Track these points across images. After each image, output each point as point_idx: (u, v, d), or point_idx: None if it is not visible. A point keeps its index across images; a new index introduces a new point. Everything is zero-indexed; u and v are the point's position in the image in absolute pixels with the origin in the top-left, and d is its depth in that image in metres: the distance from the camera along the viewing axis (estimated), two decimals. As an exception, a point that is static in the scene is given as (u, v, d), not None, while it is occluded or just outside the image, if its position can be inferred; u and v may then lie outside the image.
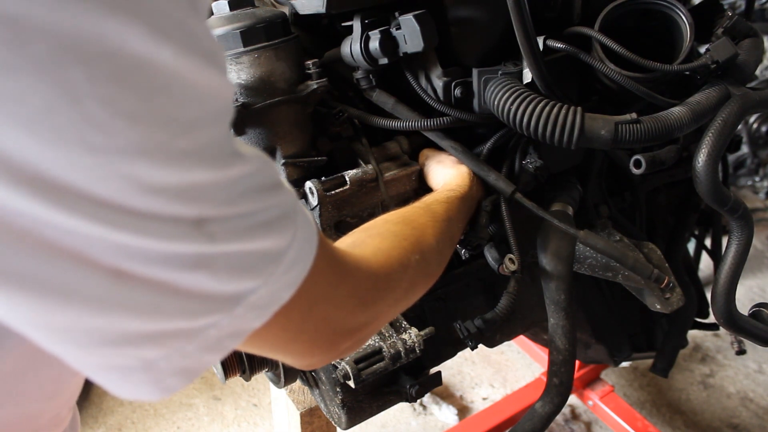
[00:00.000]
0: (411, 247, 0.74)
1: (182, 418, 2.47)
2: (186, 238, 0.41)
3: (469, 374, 2.63)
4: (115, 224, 0.38)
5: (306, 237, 0.52)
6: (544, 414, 1.15)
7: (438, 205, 0.92)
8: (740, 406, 2.42)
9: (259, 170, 0.46)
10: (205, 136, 0.41)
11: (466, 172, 1.06)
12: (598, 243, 1.09)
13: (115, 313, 0.41)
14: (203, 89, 0.41)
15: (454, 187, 1.00)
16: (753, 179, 2.99)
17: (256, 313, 0.49)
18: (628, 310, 1.51)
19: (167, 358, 0.44)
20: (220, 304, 0.45)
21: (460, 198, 0.98)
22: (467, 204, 1.01)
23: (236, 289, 0.46)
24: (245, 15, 0.96)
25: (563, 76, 1.07)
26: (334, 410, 1.17)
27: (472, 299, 1.27)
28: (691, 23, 0.99)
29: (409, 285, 0.73)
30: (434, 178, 1.08)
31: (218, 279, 0.44)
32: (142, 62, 0.37)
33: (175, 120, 0.39)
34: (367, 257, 0.66)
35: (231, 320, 0.47)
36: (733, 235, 1.03)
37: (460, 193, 0.99)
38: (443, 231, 0.86)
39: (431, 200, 0.93)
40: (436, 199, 0.93)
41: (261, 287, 0.48)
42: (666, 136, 0.96)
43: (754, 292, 2.92)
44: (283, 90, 0.99)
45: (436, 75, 1.06)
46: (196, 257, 0.42)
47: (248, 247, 0.46)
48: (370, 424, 2.31)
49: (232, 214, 0.44)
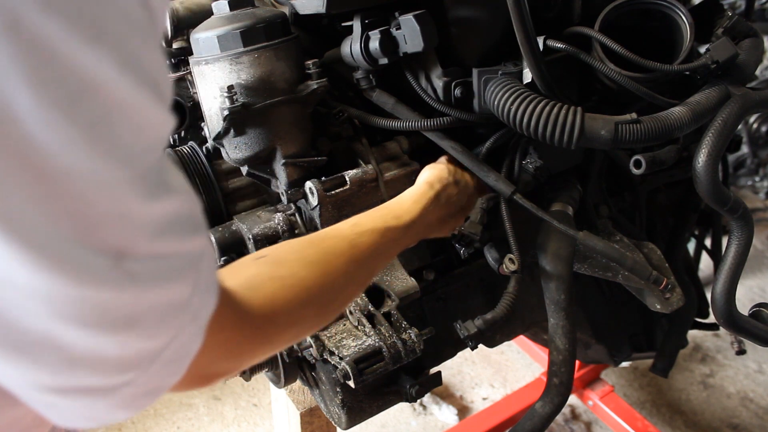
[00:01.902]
0: (311, 299, 0.69)
1: (182, 418, 2.47)
2: (106, 279, 0.39)
3: (469, 374, 2.63)
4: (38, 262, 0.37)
5: (209, 283, 0.50)
6: (544, 414, 1.15)
7: (368, 236, 0.83)
8: (740, 406, 2.42)
9: (184, 207, 0.45)
10: (141, 165, 0.40)
11: (443, 167, 1.04)
12: (597, 244, 1.09)
13: (26, 363, 0.40)
14: (145, 118, 0.40)
15: (406, 209, 0.93)
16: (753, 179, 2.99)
17: (171, 368, 0.47)
18: (628, 310, 1.51)
19: (72, 409, 0.43)
20: (137, 361, 0.44)
21: (403, 228, 0.90)
22: (414, 231, 0.93)
23: (154, 344, 0.44)
24: (245, 15, 0.96)
25: (563, 76, 1.07)
26: (334, 410, 1.17)
27: (472, 299, 1.27)
28: (691, 23, 0.99)
29: (296, 334, 0.69)
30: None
31: (140, 335, 0.43)
32: (93, 86, 0.36)
33: (115, 146, 0.38)
34: (257, 307, 0.61)
35: (148, 378, 0.45)
36: (733, 235, 1.03)
37: (407, 220, 0.91)
38: (358, 271, 0.79)
39: (365, 229, 0.84)
40: (371, 228, 0.85)
41: (174, 340, 0.46)
42: (666, 136, 0.96)
43: (754, 292, 2.92)
44: (283, 90, 0.99)
45: (436, 75, 1.06)
46: (118, 309, 0.41)
47: (165, 294, 0.44)
48: (370, 424, 2.31)
49: (154, 252, 0.42)
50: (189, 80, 1.14)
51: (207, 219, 1.10)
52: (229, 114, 0.94)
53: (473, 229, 1.07)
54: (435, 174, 1.03)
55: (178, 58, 1.13)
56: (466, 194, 1.07)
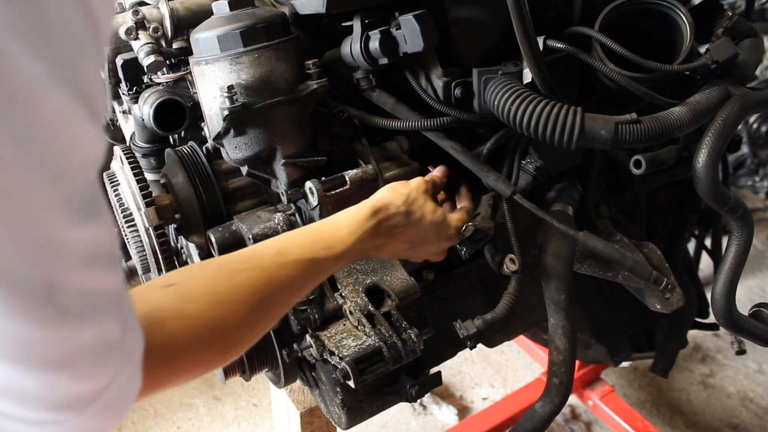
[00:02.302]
0: (215, 341, 0.65)
1: (182, 418, 2.47)
2: (39, 315, 0.38)
3: (469, 374, 2.63)
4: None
5: (133, 320, 0.48)
6: (544, 414, 1.15)
7: (291, 269, 0.76)
8: (740, 406, 2.42)
9: (108, 238, 0.44)
10: (72, 185, 0.39)
11: (401, 194, 0.93)
12: (597, 244, 1.09)
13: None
14: (78, 136, 0.39)
15: (340, 238, 0.84)
16: (753, 179, 2.99)
17: (111, 411, 0.45)
18: (628, 310, 1.51)
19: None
20: (71, 403, 0.42)
21: (332, 260, 0.82)
22: (347, 260, 0.86)
23: (91, 387, 0.43)
24: (245, 15, 0.96)
25: (563, 76, 1.07)
26: (334, 410, 1.17)
27: (472, 299, 1.27)
28: (691, 23, 0.99)
29: (194, 374, 0.65)
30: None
31: (74, 376, 0.41)
32: (28, 96, 0.35)
33: (46, 162, 0.37)
34: (157, 344, 0.57)
35: (83, 420, 0.43)
36: (733, 235, 1.03)
37: (338, 251, 0.83)
38: (272, 309, 0.73)
39: (289, 260, 0.76)
40: (295, 259, 0.77)
41: (114, 382, 0.44)
42: (666, 136, 0.96)
43: (754, 292, 2.92)
44: (283, 90, 0.99)
45: (436, 75, 1.06)
46: (51, 348, 0.39)
47: (98, 332, 0.42)
48: (370, 424, 2.31)
49: (84, 286, 0.41)
50: (189, 80, 1.14)
51: (207, 219, 1.10)
52: (229, 114, 0.94)
53: (486, 224, 1.06)
54: (385, 200, 0.92)
55: (178, 58, 1.13)
56: (424, 229, 0.96)
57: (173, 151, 1.13)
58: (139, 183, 1.06)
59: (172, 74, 1.12)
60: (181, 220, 1.11)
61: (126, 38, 1.06)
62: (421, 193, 0.95)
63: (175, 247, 1.27)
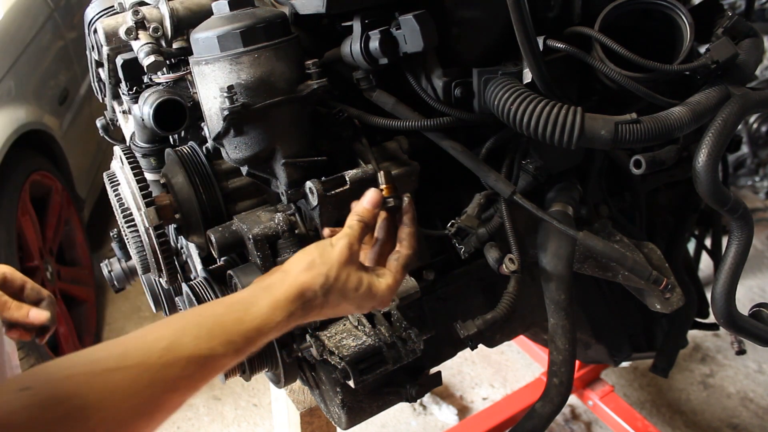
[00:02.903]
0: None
1: (182, 418, 2.47)
2: None
3: (469, 374, 2.63)
4: None
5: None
6: (544, 414, 1.15)
7: (180, 368, 0.65)
8: (740, 406, 2.42)
9: None
10: None
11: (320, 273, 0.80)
12: (597, 244, 1.09)
13: None
14: None
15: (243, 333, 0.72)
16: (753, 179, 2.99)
17: None
18: (628, 310, 1.51)
19: None
20: None
21: (233, 354, 0.71)
22: (246, 353, 0.74)
23: None
24: (245, 15, 0.96)
25: (563, 76, 1.07)
26: (334, 410, 1.17)
27: (472, 299, 1.26)
28: (691, 23, 0.99)
29: None
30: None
31: None
32: None
33: None
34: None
35: None
36: (733, 235, 1.03)
37: (239, 346, 0.71)
38: (154, 414, 0.64)
39: (178, 356, 0.66)
40: (187, 356, 0.66)
41: None
42: (666, 136, 0.96)
43: (754, 292, 2.92)
44: (283, 90, 0.99)
45: (436, 75, 1.06)
46: None
47: None
48: (370, 424, 2.31)
49: None
50: (189, 80, 1.14)
51: (207, 219, 1.10)
52: (229, 114, 0.94)
53: (470, 223, 1.07)
54: (303, 286, 0.79)
55: (178, 58, 1.13)
56: (344, 308, 0.85)
57: (173, 151, 1.13)
58: (139, 183, 1.06)
59: (172, 74, 1.12)
60: (181, 220, 1.11)
61: (126, 38, 1.06)
62: (343, 267, 0.82)
63: (175, 247, 1.27)
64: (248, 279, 0.98)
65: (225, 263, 1.15)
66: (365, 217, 0.88)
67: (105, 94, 1.39)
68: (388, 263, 0.89)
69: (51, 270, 2.62)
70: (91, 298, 2.96)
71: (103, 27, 1.14)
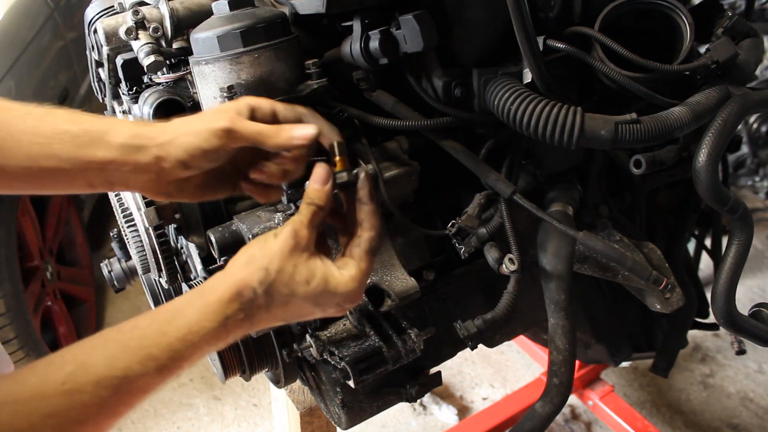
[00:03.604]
0: None
1: (182, 418, 2.47)
2: None
3: (469, 374, 2.63)
4: None
5: None
6: (544, 414, 1.15)
7: (89, 394, 0.57)
8: (740, 406, 2.42)
9: None
10: None
11: (249, 257, 0.71)
12: (597, 244, 1.09)
13: None
14: None
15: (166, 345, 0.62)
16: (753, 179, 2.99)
17: None
18: (628, 310, 1.51)
19: None
20: None
21: (155, 373, 0.61)
22: (177, 371, 0.64)
23: None
24: (245, 15, 0.96)
25: (563, 76, 1.07)
26: (334, 410, 1.17)
27: (472, 299, 1.26)
28: (691, 23, 0.99)
29: None
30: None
31: None
32: None
33: None
34: None
35: None
36: (733, 235, 1.03)
37: (162, 362, 0.62)
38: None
39: (83, 382, 0.57)
40: (95, 380, 0.58)
41: None
42: (666, 136, 0.96)
43: (754, 292, 2.92)
44: (283, 90, 0.99)
45: (436, 75, 1.06)
46: None
47: None
48: (370, 424, 2.31)
49: None
50: (189, 80, 1.14)
51: (207, 219, 1.10)
52: (229, 114, 0.94)
53: (470, 223, 1.07)
54: (238, 285, 0.69)
55: (178, 58, 1.13)
56: (298, 305, 0.73)
57: (173, 151, 1.13)
58: (139, 183, 1.06)
59: (172, 74, 1.12)
60: (181, 220, 1.11)
61: (126, 38, 1.06)
62: (287, 259, 0.71)
63: (175, 247, 1.27)
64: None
65: (225, 263, 1.15)
66: (314, 199, 0.77)
67: (105, 94, 1.39)
68: (348, 251, 0.78)
69: (51, 270, 2.62)
70: (91, 298, 2.96)
71: (103, 27, 1.14)
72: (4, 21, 2.41)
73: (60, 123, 0.71)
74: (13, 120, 0.69)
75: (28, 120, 0.70)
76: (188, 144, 0.73)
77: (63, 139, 0.70)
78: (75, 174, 0.72)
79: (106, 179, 0.74)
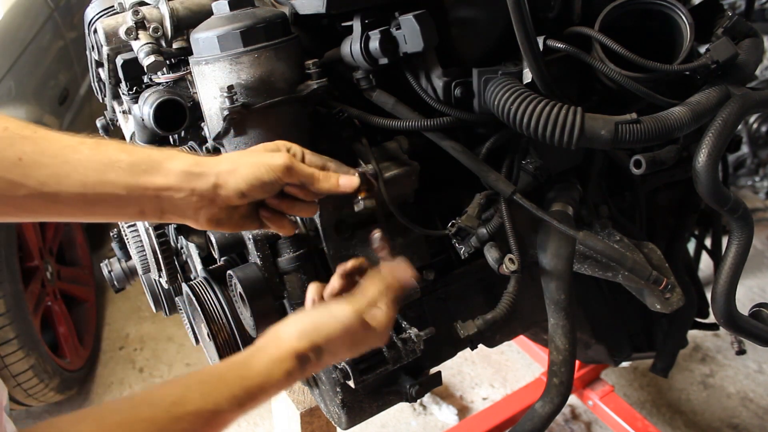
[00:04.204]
0: None
1: (182, 418, 2.46)
2: None
3: (469, 374, 2.63)
4: None
5: None
6: (544, 414, 1.15)
7: (188, 422, 0.68)
8: (740, 406, 2.42)
9: None
10: None
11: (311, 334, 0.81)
12: (597, 244, 1.09)
13: None
14: None
15: (247, 389, 0.75)
16: (753, 179, 2.99)
17: None
18: (628, 310, 1.51)
19: None
20: None
21: (237, 410, 0.73)
22: (249, 408, 0.76)
23: None
24: (245, 15, 0.96)
25: (563, 76, 1.07)
26: (334, 410, 1.17)
27: (472, 299, 1.26)
28: (691, 23, 0.99)
29: None
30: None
31: None
32: None
33: None
34: None
35: None
36: (733, 235, 1.03)
37: (242, 402, 0.74)
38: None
39: (186, 411, 0.68)
40: (195, 410, 0.69)
41: None
42: (666, 136, 0.96)
43: (754, 292, 2.92)
44: (283, 90, 0.99)
45: (436, 75, 1.06)
46: None
47: None
48: (370, 424, 2.31)
49: None
50: (189, 80, 1.14)
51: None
52: (229, 114, 0.94)
53: (470, 223, 1.07)
54: (301, 350, 0.80)
55: (178, 58, 1.13)
56: (342, 357, 0.89)
57: (173, 151, 1.13)
58: (139, 183, 1.06)
59: (172, 74, 1.12)
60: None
61: (126, 38, 1.06)
62: (338, 339, 0.83)
63: (175, 247, 1.27)
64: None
65: (225, 263, 1.15)
66: (391, 285, 0.90)
67: (105, 94, 1.39)
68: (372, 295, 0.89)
69: (51, 270, 2.62)
70: (91, 298, 2.96)
71: (103, 27, 1.14)
72: (4, 21, 2.41)
73: (115, 152, 0.76)
74: (66, 150, 0.73)
75: (83, 149, 0.74)
76: (249, 175, 0.81)
77: (120, 166, 0.75)
78: (129, 200, 0.77)
79: (159, 206, 0.79)
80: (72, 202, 0.74)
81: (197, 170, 0.79)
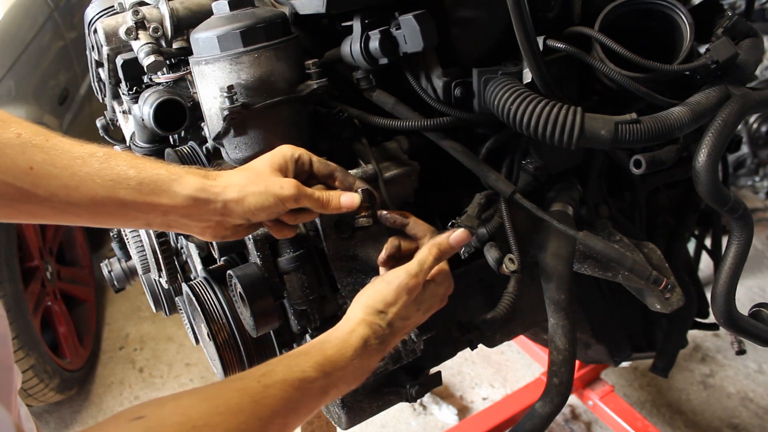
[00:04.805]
0: None
1: (182, 418, 2.46)
2: None
3: (469, 374, 2.63)
4: None
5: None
6: (544, 414, 1.15)
7: (278, 389, 0.72)
8: (740, 406, 2.42)
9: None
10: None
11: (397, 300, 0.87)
12: (597, 244, 1.09)
13: None
14: None
15: (329, 357, 0.80)
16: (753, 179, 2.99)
17: None
18: (628, 309, 1.51)
19: None
20: None
21: (323, 378, 0.78)
22: (341, 384, 0.82)
23: None
24: (245, 15, 0.96)
25: (563, 76, 1.07)
26: (334, 410, 1.17)
27: (472, 299, 1.26)
28: (691, 23, 0.99)
29: None
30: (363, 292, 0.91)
31: None
32: None
33: None
34: None
35: None
36: (733, 235, 1.03)
37: (327, 370, 0.78)
38: (258, 430, 0.69)
39: (274, 380, 0.73)
40: (281, 379, 0.74)
41: None
42: (666, 136, 0.96)
43: (754, 292, 2.92)
44: (283, 90, 0.99)
45: (436, 75, 1.06)
46: None
47: None
48: (370, 424, 2.31)
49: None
50: (189, 80, 1.14)
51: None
52: (229, 114, 0.94)
53: (469, 223, 1.07)
54: (371, 329, 0.86)
55: (178, 58, 1.13)
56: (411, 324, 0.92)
57: (173, 151, 1.13)
58: (139, 183, 1.06)
59: (172, 74, 1.12)
60: (181, 220, 1.11)
61: (126, 38, 1.06)
62: (402, 304, 0.89)
63: (175, 247, 1.27)
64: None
65: (225, 263, 1.15)
66: (442, 247, 0.93)
67: (105, 94, 1.39)
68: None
69: (51, 270, 2.62)
70: (91, 298, 2.96)
71: (103, 27, 1.14)
72: (4, 21, 2.41)
73: (124, 168, 0.77)
74: (76, 162, 0.75)
75: (93, 163, 0.75)
76: (257, 205, 0.83)
77: (129, 184, 0.77)
78: (137, 215, 0.80)
79: (166, 222, 0.82)
80: (80, 212, 0.76)
81: (204, 196, 0.81)
